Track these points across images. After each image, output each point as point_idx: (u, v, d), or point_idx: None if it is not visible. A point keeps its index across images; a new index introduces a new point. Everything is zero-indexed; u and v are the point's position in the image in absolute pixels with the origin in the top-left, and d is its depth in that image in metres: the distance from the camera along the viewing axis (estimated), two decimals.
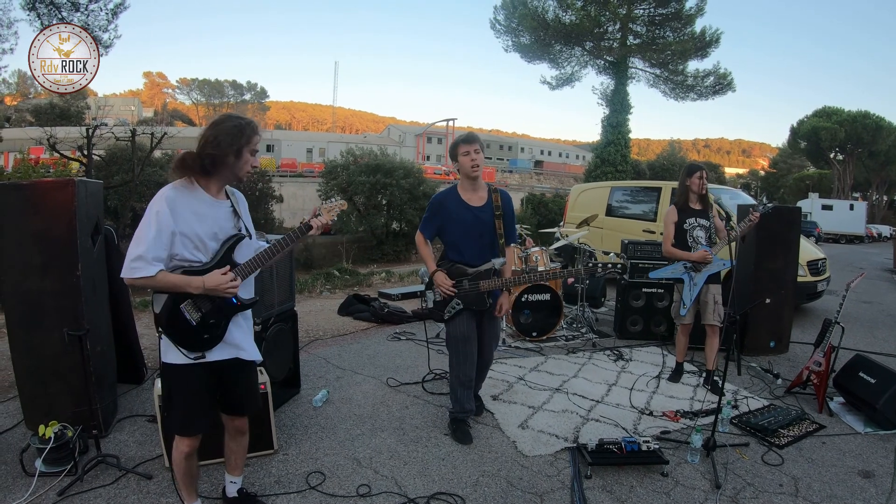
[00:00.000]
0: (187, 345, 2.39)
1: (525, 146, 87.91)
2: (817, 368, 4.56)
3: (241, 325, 2.58)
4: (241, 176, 2.44)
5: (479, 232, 3.69)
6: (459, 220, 3.68)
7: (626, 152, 32.44)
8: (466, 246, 3.70)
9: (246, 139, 2.38)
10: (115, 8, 16.98)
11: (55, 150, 17.96)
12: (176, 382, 2.46)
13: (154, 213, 2.26)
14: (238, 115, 2.48)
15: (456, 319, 3.70)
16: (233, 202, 2.53)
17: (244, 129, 2.38)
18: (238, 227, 2.52)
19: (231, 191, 2.56)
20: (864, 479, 3.42)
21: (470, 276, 3.66)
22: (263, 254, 2.51)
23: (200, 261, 2.38)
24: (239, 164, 2.39)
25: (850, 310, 8.54)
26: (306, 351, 5.71)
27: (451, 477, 3.30)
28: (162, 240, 2.25)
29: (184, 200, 2.33)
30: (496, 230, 3.70)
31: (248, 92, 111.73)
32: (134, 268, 2.22)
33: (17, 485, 3.04)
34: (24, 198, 3.49)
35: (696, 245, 4.74)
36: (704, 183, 4.77)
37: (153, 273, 2.23)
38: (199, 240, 2.36)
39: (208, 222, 2.39)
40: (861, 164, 49.99)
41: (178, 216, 2.29)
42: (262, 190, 30.06)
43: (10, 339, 3.70)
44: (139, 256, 2.22)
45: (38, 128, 23.70)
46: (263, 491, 3.08)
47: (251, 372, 2.71)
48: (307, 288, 10.03)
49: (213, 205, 2.42)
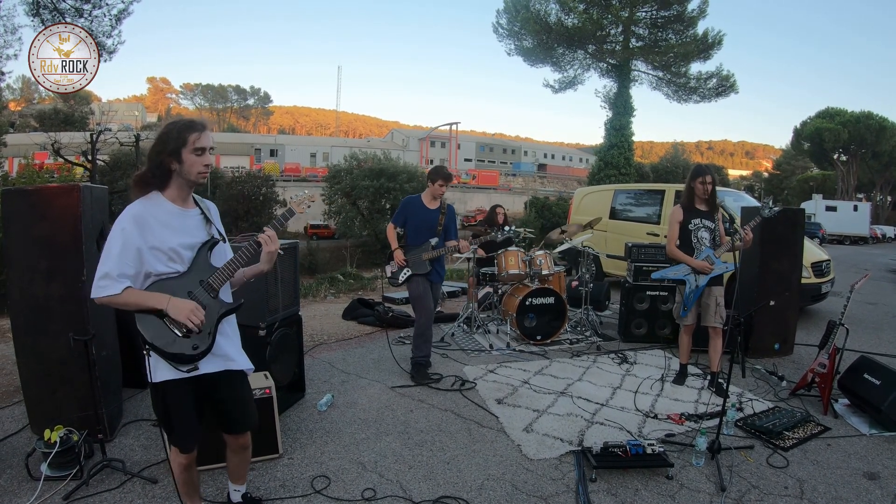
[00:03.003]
0: (178, 359, 2.29)
1: (528, 150, 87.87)
2: (822, 370, 4.54)
3: (228, 335, 2.51)
4: (193, 179, 2.33)
5: (426, 225, 5.30)
6: (416, 215, 5.32)
7: (629, 155, 32.47)
8: (418, 233, 5.30)
9: (181, 141, 2.27)
10: (118, 14, 17.10)
11: (59, 156, 18.07)
12: (169, 399, 2.36)
13: (119, 230, 2.20)
14: (180, 118, 2.41)
15: (411, 282, 5.20)
16: (202, 209, 2.46)
17: (171, 132, 2.30)
18: (210, 234, 2.45)
19: (200, 199, 2.49)
20: (869, 480, 3.40)
21: (416, 251, 5.26)
22: (232, 262, 2.42)
23: (177, 271, 2.33)
24: (184, 167, 2.29)
25: (854, 311, 8.51)
26: (311, 355, 5.72)
27: (456, 480, 3.30)
28: (128, 256, 2.19)
29: (152, 214, 2.27)
30: (438, 225, 5.31)
31: (252, 97, 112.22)
32: (101, 286, 2.16)
33: (23, 489, 3.05)
34: (29, 203, 3.51)
35: (701, 246, 4.73)
36: (707, 189, 4.77)
37: (119, 290, 2.16)
38: (172, 252, 2.30)
39: (179, 232, 2.33)
40: (865, 164, 49.91)
41: (148, 230, 2.23)
42: (266, 194, 30.18)
43: (16, 344, 3.71)
44: (105, 274, 2.16)
45: (43, 133, 23.84)
46: (268, 495, 3.08)
47: (243, 383, 2.63)
48: (312, 292, 10.06)
49: (182, 215, 2.36)
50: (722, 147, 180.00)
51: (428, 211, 5.32)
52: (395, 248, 5.26)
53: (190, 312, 2.22)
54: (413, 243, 5.30)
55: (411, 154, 64.38)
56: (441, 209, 5.37)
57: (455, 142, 72.10)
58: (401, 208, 5.41)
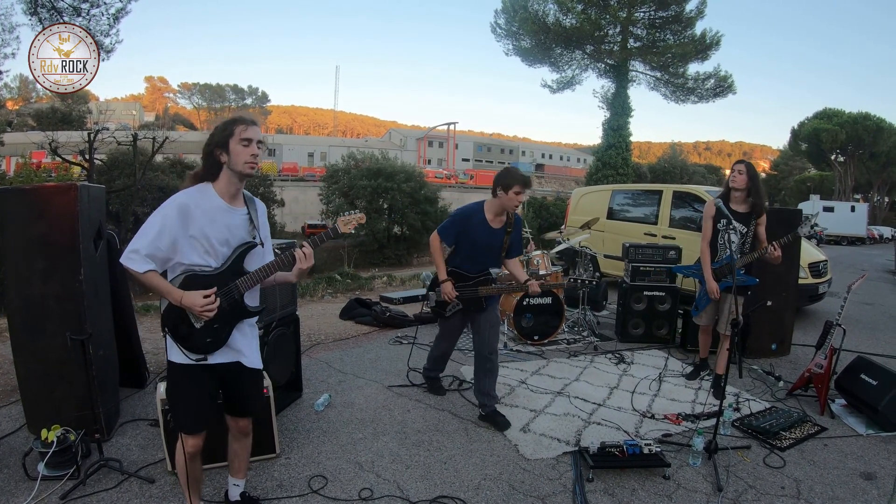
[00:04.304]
0: (189, 346, 2.42)
1: (526, 150, 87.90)
2: (819, 370, 4.55)
3: (245, 333, 2.59)
4: (240, 170, 2.41)
5: (489, 250, 4.16)
6: (477, 237, 4.09)
7: (626, 155, 32.50)
8: (475, 259, 4.17)
9: (229, 132, 2.39)
10: (116, 13, 17.04)
11: (57, 155, 18.03)
12: (180, 381, 2.49)
13: (162, 214, 2.31)
14: (231, 117, 2.52)
15: (454, 316, 4.23)
16: (250, 210, 2.54)
17: (226, 124, 2.42)
18: (252, 236, 2.53)
19: (250, 198, 2.58)
20: (865, 481, 3.42)
21: (471, 283, 4.15)
22: (263, 269, 2.50)
23: (210, 265, 2.41)
24: (232, 158, 2.39)
25: (851, 312, 8.55)
26: (308, 355, 5.72)
27: (454, 480, 3.30)
28: (162, 241, 2.29)
29: (197, 203, 2.36)
30: (503, 247, 4.17)
31: (250, 96, 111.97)
32: (130, 258, 2.29)
33: (20, 488, 3.05)
34: (26, 202, 3.50)
35: (726, 249, 4.41)
36: (740, 180, 4.53)
37: (142, 270, 2.28)
38: (208, 243, 2.38)
39: (220, 227, 2.41)
40: (862, 165, 49.99)
41: (190, 218, 2.33)
42: (264, 194, 30.13)
43: (13, 343, 3.70)
44: (136, 250, 2.28)
45: (40, 132, 23.76)
46: (266, 495, 3.08)
47: (255, 374, 2.70)
48: (309, 292, 10.04)
49: (228, 211, 2.45)
50: (720, 147, 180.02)
51: (492, 232, 4.10)
52: (445, 280, 4.11)
53: (203, 306, 2.32)
54: (464, 268, 4.19)
55: (409, 154, 64.42)
56: (507, 227, 4.15)
57: (453, 142, 72.18)
58: (454, 222, 4.16)
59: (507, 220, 4.14)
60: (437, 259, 4.16)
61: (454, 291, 4.09)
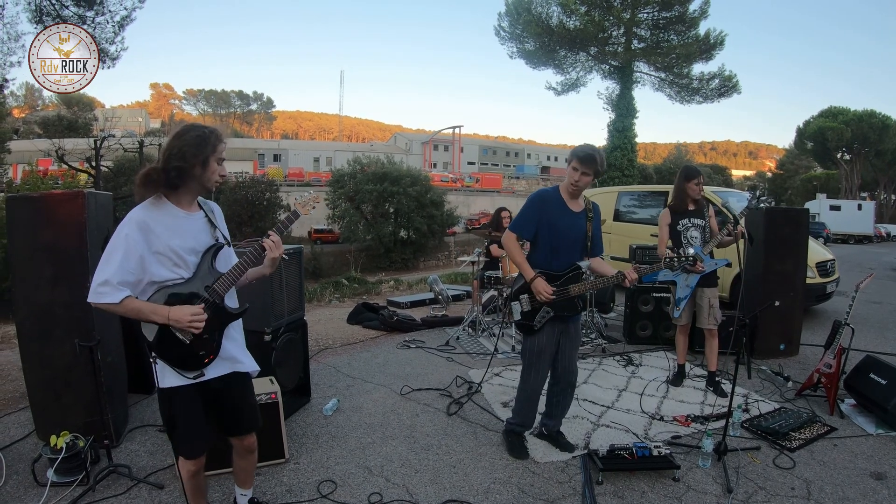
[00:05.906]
0: (184, 365, 2.32)
1: (532, 152, 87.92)
2: (828, 370, 4.53)
3: (233, 339, 2.51)
4: (209, 186, 2.36)
5: (573, 239, 3.48)
6: (558, 221, 3.43)
7: (632, 156, 32.47)
8: (558, 251, 3.47)
9: (211, 148, 2.29)
10: (121, 20, 17.19)
11: (63, 162, 18.15)
12: (176, 406, 2.38)
13: (123, 236, 2.19)
14: (201, 125, 2.38)
15: (539, 332, 3.50)
16: (206, 212, 2.45)
17: (208, 138, 2.30)
18: (216, 237, 2.45)
19: (203, 201, 2.48)
20: (876, 480, 3.39)
21: (560, 282, 3.44)
22: (237, 267, 2.41)
23: (182, 277, 2.32)
24: (206, 174, 2.31)
25: (859, 311, 8.48)
26: (316, 360, 5.72)
27: (463, 484, 3.30)
28: (130, 264, 2.18)
29: (156, 218, 2.25)
30: (587, 235, 3.51)
31: (255, 102, 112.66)
32: (100, 293, 2.15)
33: (29, 495, 3.06)
34: (34, 210, 3.52)
35: (690, 247, 4.70)
36: (701, 189, 4.79)
37: (118, 300, 2.16)
38: (176, 256, 2.29)
39: (184, 236, 2.31)
40: (868, 163, 49.79)
41: (152, 235, 2.22)
42: (270, 199, 30.24)
43: (22, 350, 3.72)
44: (105, 281, 2.15)
45: (47, 140, 23.94)
46: (275, 500, 3.08)
47: (247, 385, 2.64)
48: (316, 297, 10.07)
49: (187, 218, 2.35)
50: (725, 147, 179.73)
51: (572, 215, 3.46)
52: (535, 276, 3.38)
53: (191, 319, 2.22)
54: (548, 266, 3.47)
55: (414, 158, 64.57)
56: (588, 212, 3.53)
57: (458, 145, 72.26)
58: (529, 209, 3.50)
59: (586, 206, 3.54)
60: (516, 258, 3.50)
61: (550, 287, 3.37)
